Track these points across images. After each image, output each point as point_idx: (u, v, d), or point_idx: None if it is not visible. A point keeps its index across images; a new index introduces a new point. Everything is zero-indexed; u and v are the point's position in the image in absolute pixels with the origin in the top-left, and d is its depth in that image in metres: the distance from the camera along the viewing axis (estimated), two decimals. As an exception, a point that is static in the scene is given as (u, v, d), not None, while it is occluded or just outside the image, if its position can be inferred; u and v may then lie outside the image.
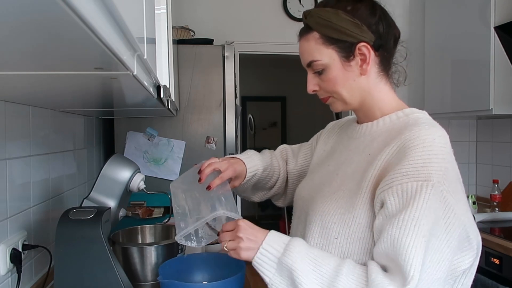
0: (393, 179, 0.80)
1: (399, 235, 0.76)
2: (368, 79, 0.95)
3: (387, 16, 0.96)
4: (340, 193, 0.91)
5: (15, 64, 0.63)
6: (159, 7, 1.14)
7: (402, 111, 0.95)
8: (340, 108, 0.99)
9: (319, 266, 0.81)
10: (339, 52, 0.92)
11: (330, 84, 0.94)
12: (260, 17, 3.21)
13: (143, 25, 0.71)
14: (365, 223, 0.85)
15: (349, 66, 0.92)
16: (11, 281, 1.15)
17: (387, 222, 0.79)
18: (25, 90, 0.95)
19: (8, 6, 0.33)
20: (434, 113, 3.07)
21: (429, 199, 0.77)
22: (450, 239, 0.79)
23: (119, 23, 0.50)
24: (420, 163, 0.79)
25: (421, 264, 0.75)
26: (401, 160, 0.81)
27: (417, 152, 0.80)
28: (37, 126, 1.35)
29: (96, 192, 1.24)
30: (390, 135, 0.90)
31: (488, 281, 1.95)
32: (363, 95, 0.96)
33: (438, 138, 0.83)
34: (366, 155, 0.92)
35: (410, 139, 0.82)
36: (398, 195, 0.79)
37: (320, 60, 0.93)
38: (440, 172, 0.79)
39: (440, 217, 0.78)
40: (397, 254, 0.76)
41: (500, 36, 2.31)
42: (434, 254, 0.77)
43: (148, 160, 2.30)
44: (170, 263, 1.16)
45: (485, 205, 2.77)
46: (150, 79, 0.90)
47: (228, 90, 2.39)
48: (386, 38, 0.94)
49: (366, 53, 0.91)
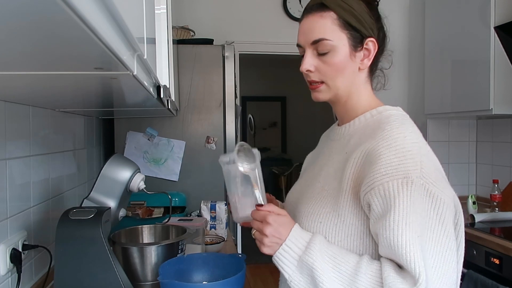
0: (373, 180, 0.81)
1: (393, 237, 0.77)
2: (360, 75, 0.97)
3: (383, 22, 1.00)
4: (324, 193, 0.93)
5: (15, 64, 0.63)
6: (159, 7, 1.14)
7: (376, 109, 0.97)
8: (326, 98, 0.98)
9: (338, 264, 0.82)
10: (350, 39, 0.92)
11: (331, 68, 0.94)
12: (260, 17, 3.21)
13: (143, 25, 0.71)
14: (350, 220, 0.87)
15: (354, 57, 0.94)
16: (11, 281, 1.15)
17: (379, 225, 0.80)
18: (25, 90, 0.95)
19: (8, 6, 0.33)
20: (434, 113, 3.09)
21: (412, 195, 0.78)
22: (446, 228, 0.80)
23: (119, 23, 0.50)
24: (396, 161, 0.81)
25: (422, 259, 0.76)
26: (377, 161, 0.82)
27: (391, 151, 0.82)
28: (37, 126, 1.35)
29: (96, 192, 1.24)
30: (365, 133, 0.92)
31: (488, 281, 1.95)
32: (351, 90, 0.98)
33: (409, 134, 0.85)
34: (344, 154, 0.94)
35: (383, 138, 0.85)
36: (381, 196, 0.80)
37: (332, 41, 0.92)
38: (416, 167, 0.80)
39: (430, 210, 0.80)
40: (398, 256, 0.77)
41: (500, 36, 2.31)
42: (435, 246, 0.78)
43: (148, 160, 2.30)
44: (170, 263, 1.16)
45: (485, 205, 2.77)
46: (150, 79, 0.90)
47: (228, 90, 2.39)
48: (383, 43, 0.98)
49: (371, 49, 0.94)
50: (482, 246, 2.06)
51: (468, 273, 2.08)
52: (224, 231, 1.96)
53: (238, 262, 1.17)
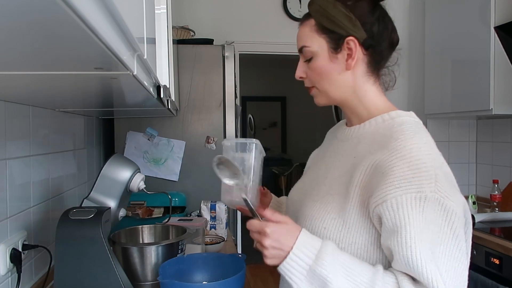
0: (386, 193, 0.79)
1: (410, 254, 0.76)
2: (354, 76, 0.94)
3: (386, 19, 0.95)
4: (329, 197, 0.90)
5: (15, 64, 0.63)
6: (159, 7, 1.14)
7: (388, 114, 0.93)
8: (323, 102, 0.99)
9: (353, 275, 0.79)
10: (329, 42, 0.93)
11: (315, 73, 0.95)
12: (260, 17, 3.21)
13: (143, 25, 0.71)
14: (355, 228, 0.85)
15: (335, 59, 0.93)
16: (11, 281, 1.15)
17: (392, 241, 0.79)
18: (25, 90, 0.95)
19: (8, 6, 0.33)
20: (434, 113, 3.09)
21: (425, 211, 0.77)
22: (459, 241, 0.79)
23: (119, 23, 0.50)
24: (409, 174, 0.78)
25: (439, 274, 0.75)
26: (390, 172, 0.80)
27: (405, 163, 0.79)
28: (37, 126, 1.35)
29: (96, 192, 1.24)
30: (375, 139, 0.89)
31: (488, 281, 1.95)
32: (346, 92, 0.96)
33: (424, 145, 0.83)
34: (352, 158, 0.91)
35: (396, 149, 0.82)
36: (393, 210, 0.78)
37: (310, 47, 0.94)
38: (431, 180, 0.78)
39: (443, 224, 0.78)
40: (415, 272, 0.76)
41: (500, 36, 2.31)
42: (448, 261, 0.77)
43: (148, 160, 2.30)
44: (170, 263, 1.17)
45: (485, 205, 2.77)
46: (150, 79, 0.90)
47: (228, 90, 2.39)
48: (378, 39, 0.93)
49: (353, 48, 0.91)
50: (482, 246, 2.06)
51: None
52: (224, 231, 1.96)
53: (238, 262, 1.17)
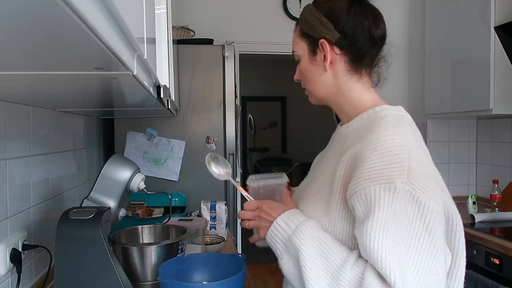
0: (356, 184, 0.80)
1: (369, 243, 0.75)
2: (335, 76, 0.97)
3: (363, 16, 0.93)
4: (318, 196, 0.92)
5: (15, 64, 0.63)
6: (159, 7, 1.14)
7: (373, 109, 0.93)
8: (313, 101, 1.04)
9: (328, 252, 0.80)
10: (308, 46, 0.98)
11: (302, 75, 1.01)
12: (260, 17, 3.21)
13: (143, 25, 0.71)
14: (340, 224, 0.85)
15: (314, 61, 0.97)
16: (11, 281, 1.15)
17: (359, 230, 0.78)
18: (25, 90, 0.95)
19: (8, 6, 0.33)
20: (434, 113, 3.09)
21: (394, 202, 0.75)
22: (434, 236, 0.76)
23: (119, 23, 0.50)
24: (381, 165, 0.78)
25: (398, 267, 0.73)
26: (362, 164, 0.80)
27: (377, 154, 0.79)
28: (37, 126, 1.35)
29: (96, 192, 1.24)
30: (358, 135, 0.90)
31: (488, 281, 1.95)
32: (330, 91, 0.98)
33: (398, 137, 0.82)
34: (338, 156, 0.92)
35: (370, 141, 0.82)
36: (362, 200, 0.78)
37: (296, 51, 1.01)
38: (403, 172, 0.77)
39: (415, 217, 0.76)
40: (374, 262, 0.75)
41: (500, 36, 2.31)
42: (419, 255, 0.75)
43: (148, 160, 2.30)
44: (170, 263, 1.17)
45: (485, 205, 2.77)
46: (150, 79, 0.90)
47: (228, 90, 2.39)
48: (354, 38, 0.93)
49: (325, 49, 0.94)
50: (482, 246, 2.06)
51: (468, 273, 2.07)
52: (224, 231, 1.96)
53: (238, 262, 1.17)
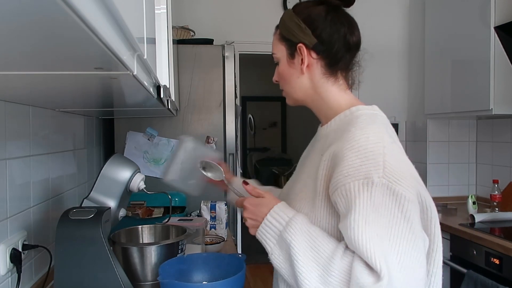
0: (337, 182, 0.84)
1: (353, 236, 0.79)
2: (311, 78, 1.02)
3: (339, 24, 0.99)
4: (303, 194, 0.96)
5: (15, 64, 0.63)
6: (159, 7, 1.14)
7: (349, 110, 0.98)
8: (290, 102, 1.09)
9: (317, 245, 0.84)
10: (287, 49, 1.02)
11: (280, 77, 1.06)
12: (260, 17, 3.21)
13: (143, 25, 0.71)
14: (326, 220, 0.90)
15: (292, 64, 1.02)
16: (11, 281, 1.15)
17: (343, 224, 0.83)
18: (25, 90, 0.95)
19: (8, 6, 0.33)
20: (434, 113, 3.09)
21: (372, 196, 0.80)
22: (412, 225, 0.81)
23: (119, 23, 0.50)
24: (357, 162, 0.83)
25: (383, 256, 0.77)
26: (341, 162, 0.85)
27: (353, 152, 0.85)
28: (37, 126, 1.35)
29: (96, 192, 1.24)
30: (336, 135, 0.95)
31: (488, 281, 1.95)
32: (307, 93, 1.03)
33: (372, 135, 0.87)
34: (319, 156, 0.96)
35: (347, 140, 0.88)
36: (343, 196, 0.83)
37: (275, 54, 1.05)
38: (378, 167, 0.82)
39: (393, 208, 0.81)
40: (360, 253, 0.79)
41: (500, 36, 2.31)
42: (400, 243, 0.79)
43: (148, 160, 2.30)
44: (170, 263, 1.17)
45: (485, 205, 2.77)
46: (150, 79, 0.90)
47: (228, 90, 2.39)
48: (330, 44, 0.98)
49: (303, 53, 0.99)
50: (482, 246, 2.06)
51: (468, 273, 2.08)
52: (224, 231, 1.96)
53: (238, 262, 1.17)
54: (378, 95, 3.34)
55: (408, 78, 3.37)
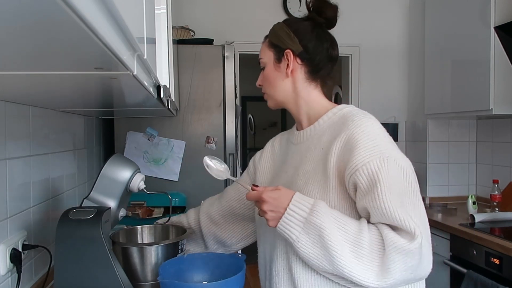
0: (356, 162, 0.96)
1: (384, 205, 0.92)
2: (294, 82, 1.13)
3: (323, 39, 1.13)
4: (310, 186, 1.04)
5: (15, 64, 0.63)
6: (159, 7, 1.15)
7: (335, 108, 1.12)
8: (271, 105, 1.20)
9: (343, 224, 0.94)
10: (274, 55, 1.14)
11: (265, 80, 1.17)
12: (260, 17, 3.21)
13: (143, 25, 0.71)
14: (339, 204, 1.00)
15: (278, 67, 1.13)
16: (11, 281, 1.15)
17: (367, 199, 0.94)
18: (25, 90, 0.95)
19: (8, 6, 0.33)
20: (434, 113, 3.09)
21: (390, 169, 0.95)
22: (415, 191, 0.98)
23: (119, 23, 0.50)
24: (371, 144, 0.97)
25: (411, 218, 0.91)
26: (356, 146, 0.98)
27: (365, 136, 0.99)
28: (37, 126, 1.35)
29: (96, 192, 1.24)
30: (335, 128, 1.06)
31: (488, 281, 1.95)
32: (289, 95, 1.14)
33: (374, 122, 1.03)
34: (320, 150, 1.07)
35: (356, 126, 1.01)
36: (365, 174, 0.95)
37: (263, 59, 1.17)
38: (387, 146, 0.99)
39: (403, 180, 0.97)
40: (392, 220, 0.91)
41: (500, 36, 2.31)
42: (414, 208, 0.94)
43: (148, 160, 2.30)
44: (170, 263, 1.17)
45: (485, 205, 2.77)
46: (150, 79, 0.90)
47: (228, 90, 2.39)
48: (314, 53, 1.11)
49: (289, 59, 1.11)
50: (482, 246, 2.06)
51: (468, 273, 2.08)
52: (224, 231, 1.95)
53: (238, 262, 1.17)
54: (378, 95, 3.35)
55: (408, 78, 3.37)
